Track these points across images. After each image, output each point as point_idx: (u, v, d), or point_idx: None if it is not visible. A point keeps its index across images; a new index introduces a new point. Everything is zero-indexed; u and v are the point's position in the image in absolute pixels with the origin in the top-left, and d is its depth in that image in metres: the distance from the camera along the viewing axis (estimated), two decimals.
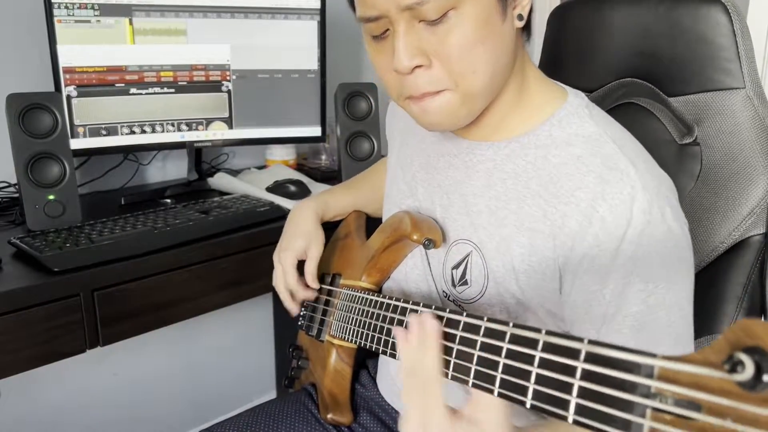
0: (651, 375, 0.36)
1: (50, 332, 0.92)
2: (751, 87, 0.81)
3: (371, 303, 0.73)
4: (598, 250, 0.62)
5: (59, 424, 1.51)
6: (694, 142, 0.85)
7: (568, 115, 0.69)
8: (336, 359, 0.86)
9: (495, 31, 0.62)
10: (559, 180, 0.65)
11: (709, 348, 0.33)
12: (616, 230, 0.61)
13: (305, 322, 0.96)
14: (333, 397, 0.87)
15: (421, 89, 0.64)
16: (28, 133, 1.07)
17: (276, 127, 1.47)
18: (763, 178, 0.80)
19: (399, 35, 0.62)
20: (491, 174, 0.71)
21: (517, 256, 0.68)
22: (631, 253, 0.61)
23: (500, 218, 0.69)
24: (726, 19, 0.81)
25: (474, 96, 0.65)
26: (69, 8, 1.19)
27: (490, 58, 0.63)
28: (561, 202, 0.65)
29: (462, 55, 0.61)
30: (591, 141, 0.66)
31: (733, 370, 0.31)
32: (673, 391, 0.35)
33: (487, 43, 0.62)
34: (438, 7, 0.59)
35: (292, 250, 0.89)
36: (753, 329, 0.31)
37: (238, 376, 1.83)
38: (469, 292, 0.73)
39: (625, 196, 0.61)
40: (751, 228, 0.81)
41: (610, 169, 0.63)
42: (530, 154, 0.69)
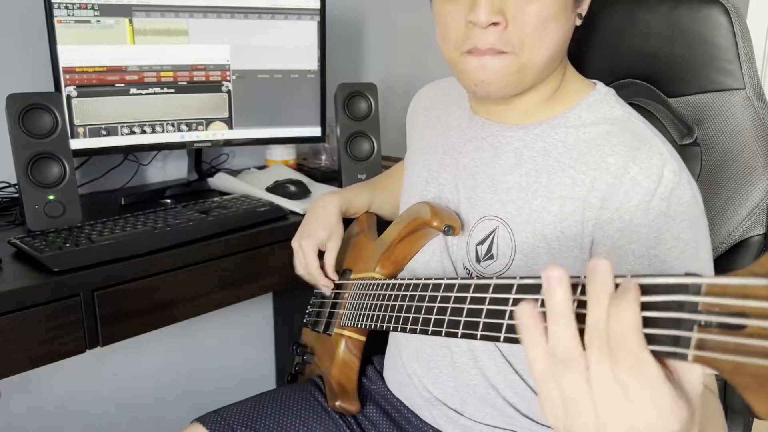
0: (698, 293, 0.36)
1: (50, 332, 0.92)
2: (751, 88, 0.81)
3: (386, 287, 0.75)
4: (629, 205, 0.64)
5: (59, 424, 1.51)
6: (694, 143, 0.85)
7: (596, 101, 0.73)
8: (345, 350, 0.87)
9: (566, 16, 0.68)
10: (590, 151, 0.69)
11: (756, 263, 0.34)
12: (649, 185, 0.64)
13: (311, 318, 0.96)
14: (341, 386, 0.88)
15: (488, 44, 0.66)
16: (28, 133, 1.07)
17: (276, 127, 1.47)
18: (763, 178, 0.80)
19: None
20: (521, 153, 0.74)
21: (549, 225, 0.70)
22: (663, 209, 0.63)
23: (530, 192, 0.72)
24: (726, 20, 0.81)
25: (531, 68, 0.69)
26: (69, 8, 1.19)
27: (556, 37, 0.68)
28: (591, 169, 0.68)
29: (537, 24, 0.66)
30: (619, 121, 0.70)
31: None
32: (721, 303, 0.35)
33: (559, 23, 0.67)
34: None
35: (314, 238, 0.92)
36: None
37: (238, 375, 1.84)
38: (494, 266, 0.74)
39: (656, 159, 0.65)
40: (751, 228, 0.81)
41: (639, 139, 0.67)
42: (560, 133, 0.72)
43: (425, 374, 0.84)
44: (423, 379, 0.84)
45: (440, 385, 0.82)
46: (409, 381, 0.86)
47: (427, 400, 0.84)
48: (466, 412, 0.80)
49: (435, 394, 0.83)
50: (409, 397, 0.88)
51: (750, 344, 0.33)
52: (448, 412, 0.82)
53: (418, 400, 0.85)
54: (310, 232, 0.93)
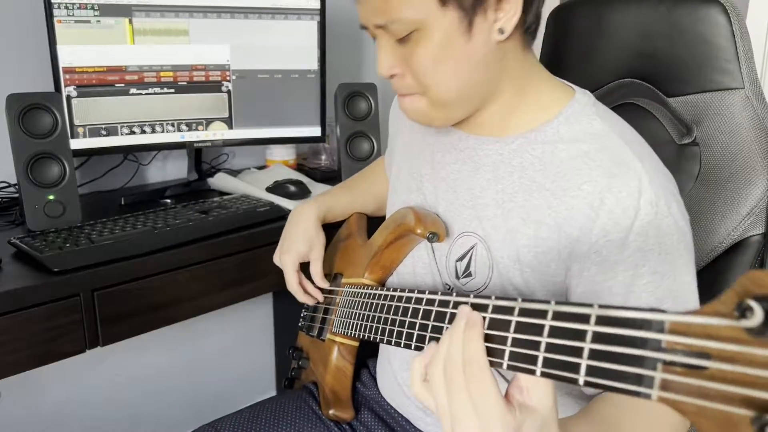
0: (662, 330, 0.36)
1: (50, 332, 0.92)
2: (750, 87, 0.81)
3: (374, 296, 0.74)
4: (605, 241, 0.63)
5: (59, 424, 1.51)
6: (693, 143, 0.85)
7: (575, 113, 0.70)
8: (338, 356, 0.86)
9: (458, 51, 0.66)
10: (567, 174, 0.67)
11: (718, 300, 0.33)
12: (624, 221, 0.62)
13: (306, 323, 0.96)
14: (334, 394, 0.87)
15: (398, 90, 0.72)
16: (28, 133, 1.07)
17: (276, 127, 1.47)
18: (762, 178, 0.80)
19: (378, 46, 0.70)
20: (498, 168, 0.73)
21: (523, 248, 0.69)
22: (640, 243, 0.62)
23: (507, 210, 0.71)
24: (725, 19, 0.81)
25: (443, 104, 0.70)
26: (69, 8, 1.19)
27: (455, 74, 0.67)
28: (567, 195, 0.66)
29: (425, 71, 0.67)
30: (599, 137, 0.67)
31: (743, 316, 0.32)
32: (684, 343, 0.35)
33: (449, 62, 0.66)
34: (403, 28, 0.65)
35: (293, 253, 0.90)
36: (762, 279, 0.31)
37: (238, 376, 1.84)
38: (473, 284, 0.74)
39: (633, 188, 0.62)
40: (750, 228, 0.81)
41: (617, 163, 0.64)
42: (537, 149, 0.70)
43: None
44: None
45: None
46: (399, 390, 0.86)
47: (419, 409, 0.83)
48: None
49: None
50: (402, 406, 0.87)
51: (711, 387, 0.33)
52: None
53: (411, 408, 0.85)
54: (290, 246, 0.91)
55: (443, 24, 0.64)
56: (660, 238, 0.62)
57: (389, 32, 0.67)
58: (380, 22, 0.66)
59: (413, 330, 0.63)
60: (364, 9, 0.68)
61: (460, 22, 0.64)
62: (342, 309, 0.84)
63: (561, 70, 1.02)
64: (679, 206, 0.65)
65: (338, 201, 0.99)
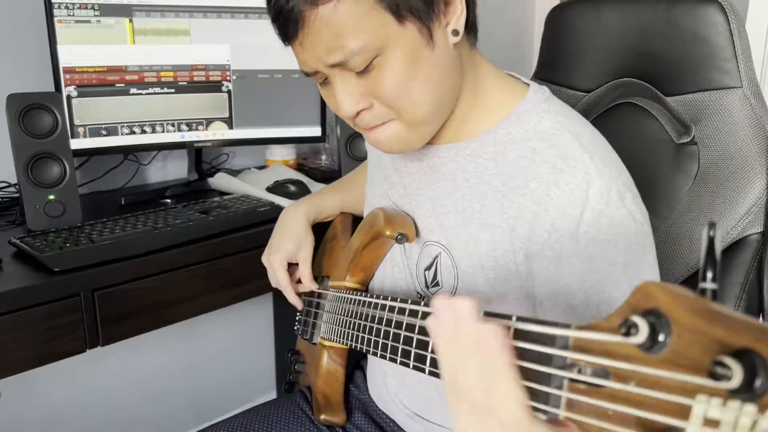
0: (566, 346, 0.36)
1: (50, 332, 0.92)
2: (748, 86, 0.81)
3: (357, 303, 0.74)
4: (557, 236, 0.61)
5: (59, 424, 1.51)
6: (692, 142, 0.86)
7: (526, 111, 0.69)
8: (328, 361, 0.86)
9: (426, 62, 0.63)
10: (516, 174, 0.65)
11: (614, 314, 0.33)
12: (573, 212, 0.60)
13: (300, 326, 0.96)
14: (326, 398, 0.87)
15: (368, 125, 0.68)
16: (28, 133, 1.07)
17: (276, 127, 1.47)
18: (761, 176, 0.80)
19: (336, 88, 0.65)
20: (456, 175, 0.72)
21: (484, 253, 0.68)
22: (593, 234, 0.59)
23: (466, 217, 0.70)
24: (723, 18, 0.81)
25: (419, 123, 0.67)
26: (69, 8, 1.19)
27: (427, 87, 0.64)
28: (516, 194, 0.65)
29: (397, 93, 0.63)
30: (547, 135, 0.66)
31: (628, 333, 0.31)
32: (586, 360, 0.35)
33: (420, 76, 0.63)
34: (362, 59, 0.61)
35: (281, 252, 0.90)
36: (651, 291, 0.31)
37: (238, 376, 1.84)
38: (440, 293, 0.73)
39: (579, 180, 0.60)
40: (748, 227, 0.81)
41: (563, 157, 0.62)
42: (489, 152, 0.69)
43: (400, 390, 0.83)
44: (399, 394, 0.83)
45: (417, 400, 0.81)
46: (388, 397, 0.86)
47: (407, 416, 0.83)
48: (447, 424, 0.79)
49: (413, 410, 0.82)
50: (391, 412, 0.87)
51: (607, 408, 0.32)
52: (430, 426, 0.80)
53: (400, 415, 0.85)
54: (278, 246, 0.91)
55: (406, 40, 0.61)
56: (614, 228, 0.59)
57: (347, 68, 0.63)
58: (336, 60, 0.62)
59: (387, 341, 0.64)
60: (312, 53, 0.63)
61: (421, 33, 0.62)
62: (329, 314, 0.84)
63: (559, 70, 1.03)
64: (634, 200, 0.62)
65: (328, 201, 0.99)
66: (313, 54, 0.63)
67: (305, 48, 0.63)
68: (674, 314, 0.30)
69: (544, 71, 1.06)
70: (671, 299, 0.30)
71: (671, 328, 0.30)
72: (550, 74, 1.04)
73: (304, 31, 0.61)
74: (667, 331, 0.30)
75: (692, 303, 0.29)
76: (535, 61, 1.10)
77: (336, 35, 0.60)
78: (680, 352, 0.29)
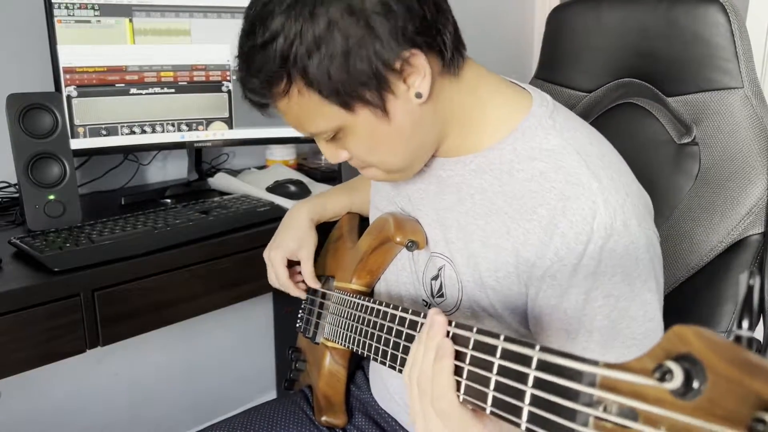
0: (593, 383, 0.36)
1: (50, 332, 0.92)
2: (749, 87, 0.81)
3: (362, 308, 0.74)
4: (559, 265, 0.62)
5: (59, 424, 1.51)
6: (693, 142, 0.86)
7: (531, 126, 0.68)
8: (330, 361, 0.86)
9: (385, 134, 0.66)
10: (523, 197, 0.65)
11: (646, 355, 0.33)
12: (577, 246, 0.61)
13: (303, 324, 0.96)
14: (327, 399, 0.87)
15: (356, 166, 0.74)
16: (28, 133, 1.07)
17: (276, 127, 1.46)
18: (762, 177, 0.80)
19: (319, 144, 0.72)
20: (460, 189, 0.72)
21: (485, 271, 0.68)
22: (593, 268, 0.61)
23: (469, 233, 0.70)
24: (724, 19, 0.81)
25: (397, 170, 0.71)
26: (69, 8, 1.19)
27: (392, 152, 0.69)
28: (524, 219, 0.65)
29: (365, 156, 0.70)
30: (554, 155, 0.65)
31: (663, 378, 0.31)
32: (614, 399, 0.34)
33: (382, 145, 0.68)
34: (326, 134, 0.68)
35: (282, 249, 0.90)
36: (685, 336, 0.30)
37: (238, 376, 1.84)
38: (445, 305, 0.74)
39: (586, 211, 0.61)
40: (749, 227, 0.81)
41: (572, 185, 0.62)
42: (495, 169, 0.69)
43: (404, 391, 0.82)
44: (403, 395, 0.83)
45: None
46: (390, 398, 0.86)
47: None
48: None
49: None
50: (394, 412, 0.87)
51: None
52: None
53: (403, 415, 0.85)
54: (280, 242, 0.91)
55: (359, 123, 0.65)
56: (615, 260, 0.61)
57: (320, 136, 0.69)
58: (304, 135, 0.70)
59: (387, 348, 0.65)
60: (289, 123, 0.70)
61: (373, 114, 0.64)
62: (333, 315, 0.84)
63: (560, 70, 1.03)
64: (639, 222, 0.62)
65: (334, 202, 0.99)
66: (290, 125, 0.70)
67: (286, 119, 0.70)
68: (709, 361, 0.29)
69: (545, 71, 1.06)
70: (706, 345, 0.29)
71: (706, 375, 0.29)
72: (550, 74, 1.04)
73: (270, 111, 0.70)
74: (702, 379, 0.29)
75: (728, 351, 0.29)
76: (535, 61, 1.09)
77: (296, 120, 0.68)
78: (716, 401, 0.29)
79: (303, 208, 0.95)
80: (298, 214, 0.94)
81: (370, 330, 0.70)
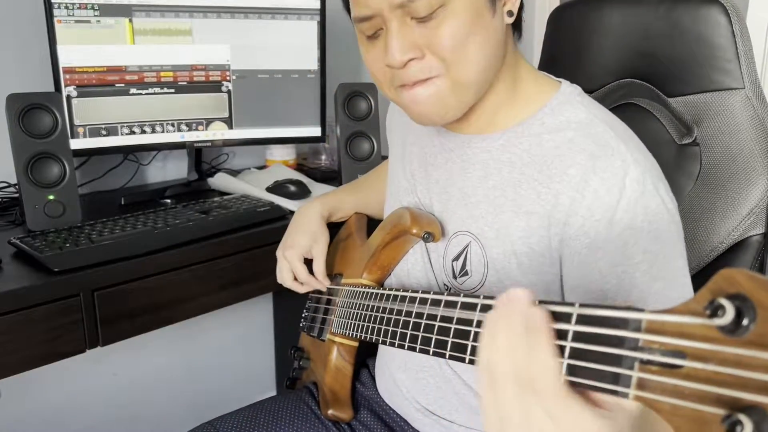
0: (639, 329, 0.36)
1: (50, 332, 0.92)
2: (751, 87, 0.81)
3: (372, 296, 0.74)
4: (592, 221, 0.62)
5: (59, 424, 1.51)
6: (694, 143, 0.85)
7: (560, 103, 0.70)
8: (337, 357, 0.86)
9: (485, 25, 0.64)
10: (552, 162, 0.67)
11: (693, 299, 0.33)
12: (610, 200, 0.62)
13: (307, 323, 0.96)
14: (334, 394, 0.88)
15: (412, 78, 0.66)
16: (28, 133, 1.07)
17: (276, 127, 1.47)
18: (763, 178, 0.80)
19: (392, 32, 0.64)
20: (487, 165, 0.73)
21: (517, 240, 0.69)
22: (628, 221, 0.61)
23: (498, 206, 0.70)
24: (725, 19, 0.81)
25: (464, 85, 0.66)
26: (69, 8, 1.19)
27: (481, 49, 0.65)
28: (554, 182, 0.66)
29: (454, 46, 0.63)
30: (582, 124, 0.67)
31: (714, 314, 0.32)
32: (660, 341, 0.35)
33: (477, 36, 0.64)
34: (427, 4, 0.61)
35: (297, 248, 0.91)
36: (735, 277, 0.31)
37: (238, 376, 1.84)
38: (469, 282, 0.74)
39: (617, 168, 0.62)
40: (750, 228, 0.81)
41: (600, 146, 0.64)
42: (524, 142, 0.70)
43: (413, 385, 0.83)
44: (411, 390, 0.83)
45: (429, 395, 0.81)
46: (398, 391, 0.86)
47: (417, 410, 0.83)
48: (458, 420, 0.79)
49: (424, 405, 0.82)
50: (400, 407, 0.87)
51: (685, 386, 0.33)
52: (440, 421, 0.81)
53: (410, 409, 0.85)
54: (293, 241, 0.91)
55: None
56: (649, 216, 0.61)
57: (409, 11, 0.62)
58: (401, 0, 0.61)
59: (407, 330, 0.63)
60: None
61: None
62: (341, 309, 0.85)
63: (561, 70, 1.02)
64: (666, 190, 0.64)
65: (343, 201, 1.00)
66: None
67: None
68: (760, 299, 0.30)
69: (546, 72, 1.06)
70: (758, 285, 0.30)
71: (757, 312, 0.30)
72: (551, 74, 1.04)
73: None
74: (752, 316, 0.30)
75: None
76: (536, 61, 1.09)
77: None
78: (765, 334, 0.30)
79: (313, 207, 0.95)
80: (310, 212, 0.94)
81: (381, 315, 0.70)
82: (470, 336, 0.52)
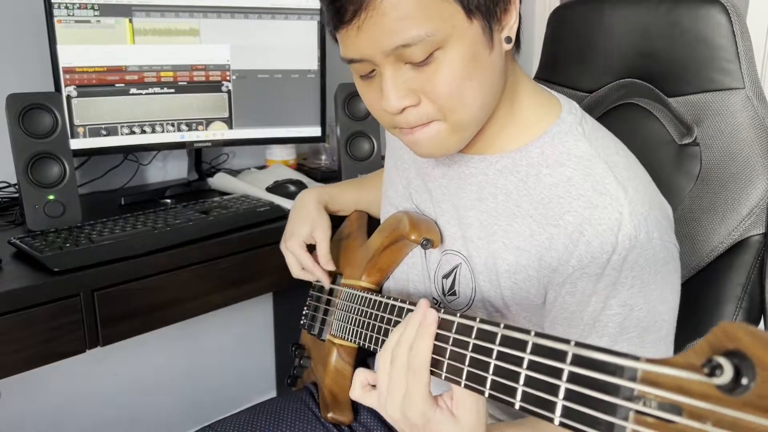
0: (634, 378, 0.36)
1: (50, 332, 0.92)
2: (751, 87, 0.81)
3: (370, 303, 0.73)
4: (581, 273, 0.62)
5: (59, 424, 1.51)
6: (694, 143, 0.85)
7: (560, 133, 0.68)
8: (337, 358, 0.86)
9: (483, 64, 0.61)
10: (550, 202, 0.65)
11: (692, 351, 0.33)
12: (601, 256, 0.61)
13: (307, 321, 0.96)
14: (333, 396, 0.87)
15: (411, 123, 0.64)
16: (28, 133, 1.07)
17: (276, 127, 1.47)
18: (763, 178, 0.80)
19: (386, 78, 0.61)
20: (483, 188, 0.71)
21: (503, 273, 0.68)
22: (614, 278, 0.61)
23: (489, 233, 0.70)
24: (725, 19, 0.81)
25: (463, 126, 0.65)
26: (69, 8, 1.19)
27: (479, 90, 0.62)
28: (550, 224, 0.65)
29: (450, 92, 0.61)
30: (583, 161, 0.65)
31: (712, 373, 0.31)
32: (656, 394, 0.35)
33: (475, 78, 0.61)
34: (424, 49, 0.58)
35: (297, 236, 0.89)
36: (734, 332, 0.30)
37: (238, 376, 1.84)
38: (457, 303, 0.73)
39: (612, 222, 0.61)
40: (750, 228, 0.81)
41: (599, 193, 0.63)
42: (522, 172, 0.68)
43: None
44: None
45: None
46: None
47: None
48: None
49: None
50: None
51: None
52: None
53: None
54: (293, 231, 0.90)
55: (469, 37, 0.59)
56: (635, 271, 0.61)
57: (403, 58, 0.59)
58: (397, 44, 0.58)
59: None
60: (370, 37, 0.58)
61: (483, 32, 0.60)
62: (340, 312, 0.84)
63: (561, 71, 1.02)
64: (662, 234, 0.62)
65: (343, 192, 0.98)
66: (371, 38, 0.58)
67: (363, 31, 0.58)
68: (760, 358, 0.29)
69: (546, 72, 1.06)
70: (756, 342, 0.30)
71: (756, 371, 0.29)
72: (551, 75, 1.04)
73: (368, 12, 0.56)
74: (751, 375, 0.30)
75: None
76: (535, 61, 1.09)
77: (401, 19, 0.56)
78: (764, 395, 0.29)
79: (309, 194, 0.94)
80: (306, 200, 0.93)
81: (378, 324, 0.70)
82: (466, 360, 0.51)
